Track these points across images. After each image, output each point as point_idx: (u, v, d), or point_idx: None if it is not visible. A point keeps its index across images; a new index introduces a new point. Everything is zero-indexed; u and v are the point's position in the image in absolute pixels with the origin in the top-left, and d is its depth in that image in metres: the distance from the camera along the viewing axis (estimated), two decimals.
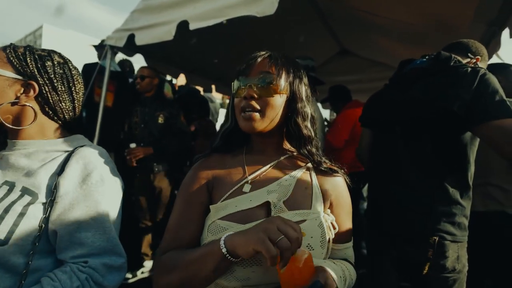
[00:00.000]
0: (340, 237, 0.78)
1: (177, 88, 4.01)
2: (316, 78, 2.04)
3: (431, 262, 1.02)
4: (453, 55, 1.08)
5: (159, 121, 2.33)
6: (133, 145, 2.32)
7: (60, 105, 0.81)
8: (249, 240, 0.57)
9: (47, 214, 0.71)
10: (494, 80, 0.98)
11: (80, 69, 0.88)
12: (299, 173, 0.78)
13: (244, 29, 2.28)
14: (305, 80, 0.81)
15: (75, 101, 0.85)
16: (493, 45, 1.68)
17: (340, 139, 2.48)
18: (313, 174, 0.79)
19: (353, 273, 0.76)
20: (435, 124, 1.05)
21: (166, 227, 0.76)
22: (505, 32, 1.55)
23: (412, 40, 2.33)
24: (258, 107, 0.73)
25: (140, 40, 2.15)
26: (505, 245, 1.36)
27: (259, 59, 0.75)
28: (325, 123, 3.08)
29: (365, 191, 2.71)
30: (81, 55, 2.79)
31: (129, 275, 2.34)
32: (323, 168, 0.79)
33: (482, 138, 0.99)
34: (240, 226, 0.67)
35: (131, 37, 2.22)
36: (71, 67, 0.85)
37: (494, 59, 1.72)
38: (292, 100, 0.77)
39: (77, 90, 0.86)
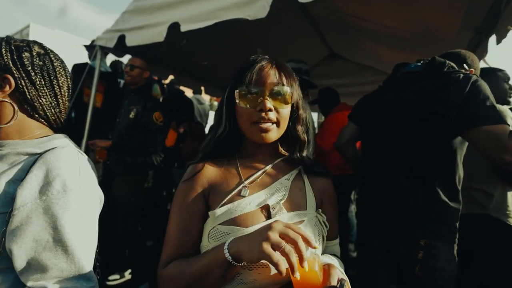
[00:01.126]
0: (330, 235, 0.82)
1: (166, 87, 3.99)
2: (309, 82, 2.06)
3: (421, 264, 1.04)
4: (447, 61, 1.11)
5: (130, 116, 2.14)
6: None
7: (40, 100, 0.74)
8: (253, 248, 0.56)
9: (6, 227, 0.62)
10: (485, 86, 1.01)
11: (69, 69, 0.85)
12: (293, 175, 0.81)
13: (234, 31, 2.29)
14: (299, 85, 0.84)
15: (58, 96, 0.77)
16: (480, 51, 1.74)
17: (328, 142, 2.51)
18: (305, 176, 0.83)
19: (343, 268, 0.80)
20: (426, 126, 1.08)
21: (164, 239, 0.75)
22: (492, 39, 1.61)
23: (400, 46, 2.40)
24: (275, 119, 0.75)
25: (130, 41, 2.13)
26: (489, 248, 1.40)
27: (270, 69, 0.76)
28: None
29: (353, 194, 2.75)
30: (69, 55, 2.73)
31: (116, 276, 2.29)
32: (313, 171, 0.83)
33: (471, 142, 1.02)
34: (242, 229, 0.68)
35: (121, 38, 2.20)
36: (53, 59, 0.77)
37: (482, 65, 1.79)
38: (296, 107, 0.80)
39: (60, 84, 0.77)
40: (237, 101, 0.76)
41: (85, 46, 2.45)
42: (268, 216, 0.72)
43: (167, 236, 0.74)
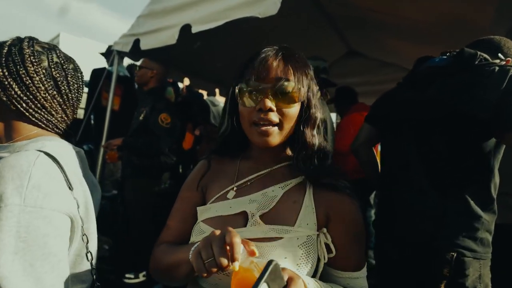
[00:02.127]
0: (343, 264, 0.67)
1: (185, 91, 4.04)
2: (328, 80, 1.96)
3: (448, 281, 0.94)
4: (478, 53, 0.97)
5: (140, 118, 2.15)
6: None
7: (8, 92, 0.65)
8: (193, 254, 0.56)
9: None
10: None
11: (89, 75, 0.79)
12: (291, 184, 0.69)
13: (248, 32, 2.26)
14: (314, 79, 0.72)
15: (31, 88, 0.67)
16: None
17: (345, 143, 2.39)
18: (310, 187, 0.69)
19: None
20: (453, 127, 0.96)
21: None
22: None
23: (424, 40, 2.24)
24: (277, 120, 0.65)
25: (144, 45, 2.16)
26: None
27: (273, 61, 0.65)
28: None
29: (372, 198, 2.61)
30: (96, 61, 2.85)
31: (131, 275, 2.33)
32: (321, 183, 0.69)
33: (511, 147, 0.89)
34: (215, 231, 0.64)
35: (136, 42, 2.24)
36: (24, 47, 0.68)
37: None
38: (307, 106, 0.68)
39: (30, 74, 0.66)
40: (238, 99, 0.68)
41: (102, 53, 2.53)
42: (245, 224, 0.66)
43: (167, 221, 0.78)
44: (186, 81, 3.25)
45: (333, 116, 4.51)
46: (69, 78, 0.73)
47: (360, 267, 0.69)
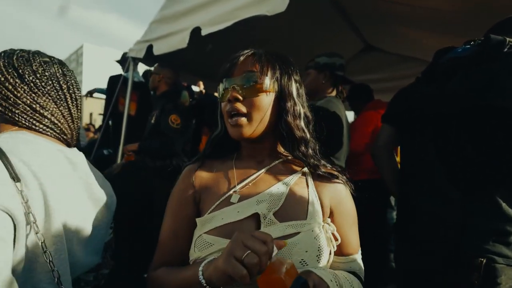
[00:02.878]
0: (344, 250, 0.71)
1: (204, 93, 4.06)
2: (344, 78, 1.86)
3: None
4: (507, 39, 0.88)
5: (152, 121, 2.18)
6: None
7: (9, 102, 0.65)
8: (218, 265, 0.51)
9: None
10: None
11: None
12: (293, 179, 0.71)
13: (261, 32, 2.23)
14: (297, 76, 0.74)
15: (36, 99, 0.67)
16: None
17: (359, 142, 2.28)
18: (310, 179, 0.72)
19: (356, 283, 0.67)
20: (478, 123, 0.87)
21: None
22: None
23: (448, 30, 2.09)
24: (244, 110, 0.68)
25: (157, 50, 2.19)
26: None
27: (241, 58, 0.70)
28: None
29: (393, 199, 2.48)
30: (117, 68, 2.97)
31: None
32: (321, 173, 0.71)
33: None
34: (226, 241, 0.60)
35: (150, 48, 2.28)
36: (31, 58, 0.69)
37: None
38: (281, 98, 0.70)
39: (38, 84, 0.68)
40: (219, 96, 0.72)
41: (118, 61, 2.60)
42: (258, 227, 0.64)
43: (159, 240, 0.73)
44: (201, 85, 3.27)
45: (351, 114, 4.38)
46: (70, 89, 0.74)
47: (357, 249, 0.74)
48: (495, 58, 0.87)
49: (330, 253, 0.68)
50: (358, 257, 0.74)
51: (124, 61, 2.59)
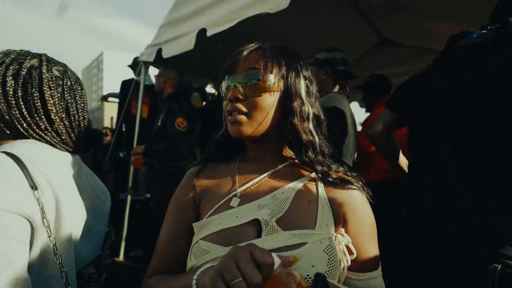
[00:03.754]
0: (361, 265, 0.62)
1: (216, 94, 4.08)
2: (346, 72, 1.77)
3: None
4: None
5: (158, 124, 2.19)
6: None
7: (13, 112, 0.67)
8: (206, 281, 0.46)
9: None
10: None
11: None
12: (300, 184, 0.64)
13: (270, 29, 2.19)
14: (306, 73, 0.68)
15: (39, 111, 0.69)
16: None
17: None
18: (320, 185, 0.64)
19: None
20: (494, 117, 0.79)
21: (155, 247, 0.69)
22: None
23: (464, 16, 1.95)
24: (245, 110, 0.63)
25: (166, 53, 2.22)
26: None
27: (244, 53, 0.64)
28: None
29: None
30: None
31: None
32: (331, 179, 0.64)
33: None
34: (222, 249, 0.56)
35: (159, 51, 2.32)
36: (43, 71, 0.71)
37: None
38: (287, 97, 0.64)
39: (46, 97, 0.70)
40: (222, 94, 0.68)
41: (129, 65, 2.66)
42: (259, 234, 0.58)
43: (156, 245, 0.69)
44: (209, 87, 3.28)
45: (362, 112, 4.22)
46: (77, 99, 0.76)
47: (377, 265, 0.65)
48: None
49: (343, 269, 0.60)
50: (379, 274, 0.65)
51: (135, 65, 2.65)
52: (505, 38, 0.81)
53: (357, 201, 0.64)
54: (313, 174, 0.66)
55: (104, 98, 3.57)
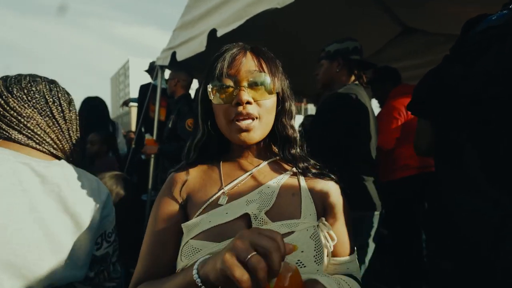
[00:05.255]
0: (340, 250, 0.69)
1: None
2: (361, 61, 1.63)
3: None
4: None
5: (169, 125, 2.25)
6: None
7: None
8: (216, 263, 0.44)
9: None
10: None
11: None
12: (284, 178, 0.68)
13: (287, 25, 2.15)
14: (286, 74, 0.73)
15: (41, 125, 0.75)
16: None
17: (389, 138, 2.02)
18: (302, 178, 0.70)
19: None
20: None
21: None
22: None
23: None
24: (256, 114, 0.64)
25: (180, 56, 2.25)
26: None
27: (243, 56, 0.65)
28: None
29: None
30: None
31: None
32: (310, 173, 0.70)
33: None
34: (215, 245, 0.57)
35: (173, 55, 2.36)
36: (41, 86, 0.76)
37: None
38: (282, 98, 0.69)
39: (55, 112, 0.77)
40: (211, 98, 0.65)
41: (146, 70, 2.73)
42: (249, 228, 0.59)
43: (140, 253, 0.67)
44: None
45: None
46: (55, 101, 0.78)
47: (353, 250, 0.71)
48: None
49: (327, 255, 0.65)
50: (355, 257, 0.72)
51: (151, 70, 2.73)
52: None
53: (334, 192, 0.70)
54: (294, 169, 0.71)
55: (125, 104, 3.73)
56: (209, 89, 0.66)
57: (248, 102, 0.62)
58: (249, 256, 0.40)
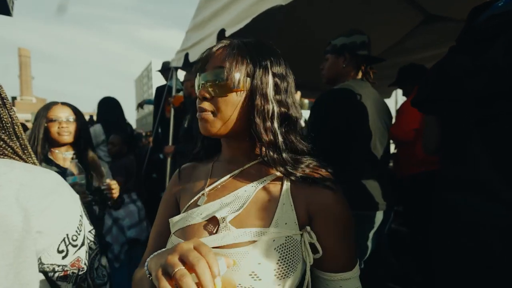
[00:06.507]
0: (332, 264, 0.61)
1: None
2: (368, 57, 1.55)
3: None
4: None
5: (185, 125, 2.31)
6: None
7: None
8: (155, 266, 0.48)
9: None
10: None
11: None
12: (265, 182, 0.64)
13: (304, 19, 2.11)
14: (277, 69, 0.64)
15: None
16: None
17: (406, 129, 1.93)
18: (286, 183, 0.63)
19: None
20: None
21: None
22: None
23: None
24: (210, 108, 0.63)
25: (192, 57, 2.29)
26: None
27: (213, 50, 0.64)
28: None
29: None
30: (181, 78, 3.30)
31: None
32: (298, 178, 0.62)
33: None
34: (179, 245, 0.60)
35: (186, 56, 2.41)
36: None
37: None
38: (250, 95, 0.63)
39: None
40: (197, 92, 0.68)
41: (159, 70, 2.81)
42: (216, 231, 0.61)
43: (148, 240, 0.75)
44: None
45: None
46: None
47: (351, 267, 0.62)
48: None
49: (306, 268, 0.60)
50: (353, 275, 0.62)
51: (165, 70, 2.79)
52: None
53: (326, 199, 0.61)
54: (283, 172, 0.64)
55: (140, 105, 3.84)
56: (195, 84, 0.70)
57: (204, 98, 0.63)
58: (175, 270, 0.42)
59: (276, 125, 0.62)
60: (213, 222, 0.62)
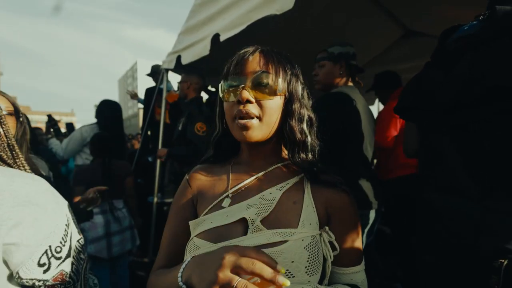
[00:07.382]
0: (345, 260, 0.67)
1: None
2: (357, 67, 1.72)
3: None
4: None
5: (179, 128, 2.27)
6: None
7: None
8: (202, 282, 0.49)
9: None
10: None
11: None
12: (288, 185, 0.67)
13: (291, 29, 2.20)
14: (301, 78, 0.71)
15: None
16: None
17: (387, 135, 2.07)
18: (308, 185, 0.68)
19: None
20: (491, 111, 0.74)
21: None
22: None
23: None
24: (256, 113, 0.64)
25: (184, 60, 2.32)
26: None
27: (251, 56, 0.65)
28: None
29: None
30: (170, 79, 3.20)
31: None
32: (318, 180, 0.67)
33: None
34: (212, 245, 0.61)
35: (178, 58, 2.43)
36: None
37: None
38: (289, 101, 0.67)
39: None
40: (221, 96, 0.69)
41: (148, 74, 2.80)
42: (245, 232, 0.62)
43: (161, 243, 0.74)
44: None
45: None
46: None
47: (360, 261, 0.70)
48: (505, 32, 0.71)
49: (328, 265, 0.64)
50: (361, 268, 0.69)
51: (153, 73, 2.79)
52: (493, 27, 0.75)
53: (341, 200, 0.67)
54: (302, 175, 0.69)
55: (135, 97, 3.72)
56: (220, 88, 0.69)
57: (249, 101, 0.63)
58: (234, 284, 0.45)
59: (305, 126, 0.68)
60: (241, 224, 0.62)
